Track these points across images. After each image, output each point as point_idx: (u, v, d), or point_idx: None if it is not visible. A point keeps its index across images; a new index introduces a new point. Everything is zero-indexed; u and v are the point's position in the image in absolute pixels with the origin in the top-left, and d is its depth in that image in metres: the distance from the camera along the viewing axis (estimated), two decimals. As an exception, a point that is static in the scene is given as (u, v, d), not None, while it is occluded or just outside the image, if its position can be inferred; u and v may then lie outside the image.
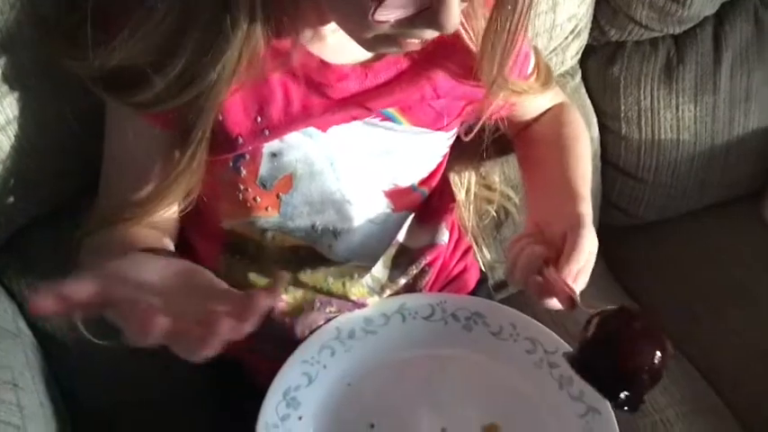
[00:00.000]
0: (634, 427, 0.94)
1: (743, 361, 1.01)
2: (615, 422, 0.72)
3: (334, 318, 0.79)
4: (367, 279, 0.79)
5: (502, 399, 0.76)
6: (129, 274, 0.54)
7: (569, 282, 0.66)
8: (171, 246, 0.71)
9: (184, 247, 0.78)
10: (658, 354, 0.64)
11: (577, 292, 0.67)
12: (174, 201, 0.69)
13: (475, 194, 0.94)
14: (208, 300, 0.54)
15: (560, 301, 0.66)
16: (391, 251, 0.81)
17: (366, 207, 0.76)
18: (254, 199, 0.72)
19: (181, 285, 0.55)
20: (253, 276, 0.77)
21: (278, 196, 0.72)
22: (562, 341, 0.78)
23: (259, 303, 0.52)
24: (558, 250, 0.68)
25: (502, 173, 0.98)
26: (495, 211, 0.98)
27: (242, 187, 0.71)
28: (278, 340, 0.79)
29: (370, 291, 0.79)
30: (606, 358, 0.64)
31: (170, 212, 0.71)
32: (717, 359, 1.02)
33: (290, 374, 0.76)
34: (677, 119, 1.07)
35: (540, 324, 0.79)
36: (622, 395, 0.64)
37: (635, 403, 0.64)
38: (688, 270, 1.13)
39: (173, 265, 0.58)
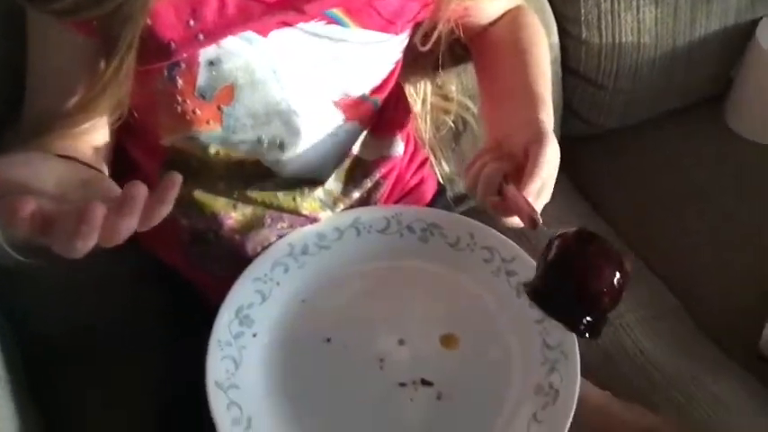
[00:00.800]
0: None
1: (701, 263, 1.02)
2: (572, 327, 0.71)
3: (286, 234, 0.77)
4: (319, 193, 0.76)
5: (459, 309, 0.75)
6: (18, 172, 0.49)
7: (531, 198, 0.64)
8: (99, 164, 0.65)
9: (126, 163, 0.75)
10: (618, 275, 0.63)
11: (539, 208, 0.65)
12: (102, 114, 0.64)
13: (431, 105, 0.91)
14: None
15: (522, 220, 0.64)
16: (345, 164, 0.78)
17: (314, 118, 0.73)
18: (194, 111, 0.68)
19: (77, 193, 0.50)
20: (198, 194, 0.74)
21: (219, 108, 0.69)
22: (519, 249, 0.77)
23: (137, 193, 0.47)
24: (520, 164, 0.66)
25: (459, 82, 0.95)
26: (453, 122, 0.95)
27: (180, 99, 0.67)
28: (229, 259, 0.77)
29: (322, 205, 0.77)
30: (566, 281, 0.64)
31: (101, 125, 0.67)
32: (676, 262, 1.03)
33: (242, 292, 0.74)
34: (638, 21, 1.04)
35: (497, 233, 0.77)
36: (584, 320, 0.63)
37: (597, 329, 0.64)
38: (649, 177, 1.13)
39: (78, 173, 0.53)
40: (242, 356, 0.71)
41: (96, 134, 0.66)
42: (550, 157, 0.66)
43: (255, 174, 0.74)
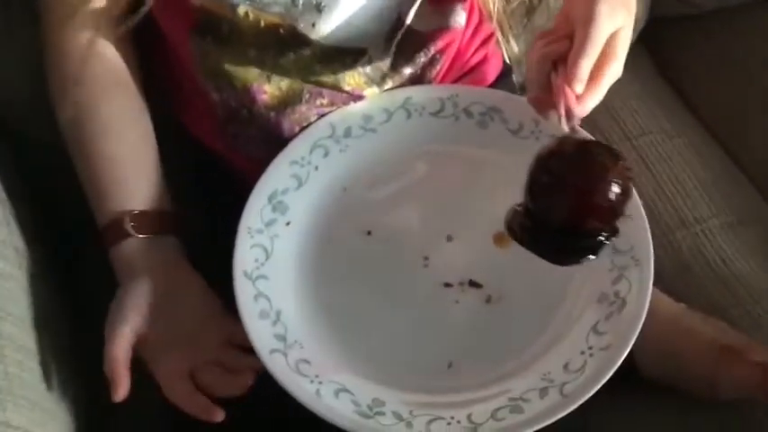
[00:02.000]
0: (671, 239, 0.84)
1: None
2: (648, 229, 0.62)
3: (327, 113, 0.69)
4: (364, 66, 0.67)
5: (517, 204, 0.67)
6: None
7: (577, 86, 0.56)
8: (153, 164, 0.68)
9: (154, 37, 0.69)
10: (616, 192, 0.54)
11: (589, 102, 0.57)
12: None
13: (502, -29, 0.80)
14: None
15: (558, 114, 0.56)
16: (396, 35, 0.69)
17: None
18: None
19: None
20: (228, 64, 0.66)
21: None
22: (592, 138, 0.67)
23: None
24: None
25: (536, -56, 0.83)
26: (528, -8, 0.84)
27: None
28: (263, 138, 0.70)
29: (367, 80, 0.69)
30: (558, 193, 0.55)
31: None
32: (769, 164, 0.91)
33: (276, 176, 0.67)
34: None
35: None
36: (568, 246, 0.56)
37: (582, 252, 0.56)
38: (745, 67, 0.99)
39: (205, 308, 0.65)
40: (273, 246, 0.65)
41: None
42: (602, 33, 0.57)
43: (290, 41, 0.66)
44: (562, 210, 0.55)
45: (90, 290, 0.80)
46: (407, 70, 0.70)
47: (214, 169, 0.77)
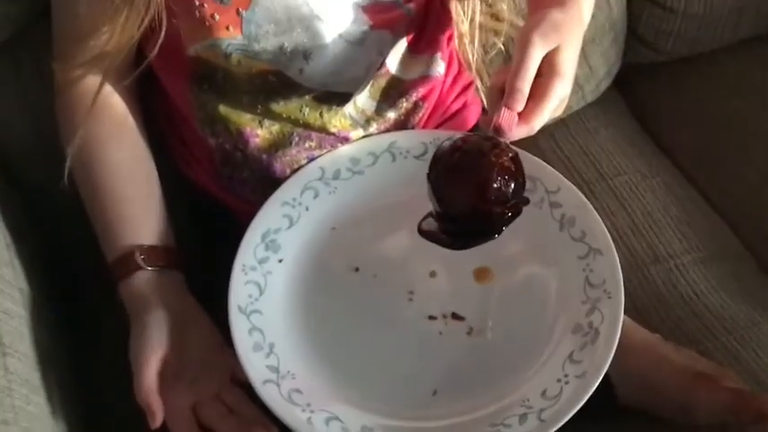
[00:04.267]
0: (646, 274, 0.88)
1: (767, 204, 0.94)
2: (618, 263, 0.66)
3: (317, 157, 0.73)
4: (349, 109, 0.72)
5: (496, 241, 0.70)
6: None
7: (515, 104, 0.59)
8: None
9: (155, 90, 0.74)
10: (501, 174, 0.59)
11: (534, 121, 0.60)
12: (135, 21, 0.63)
13: (480, 25, 0.84)
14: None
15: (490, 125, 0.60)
16: (381, 82, 0.73)
17: (338, 23, 0.68)
18: (213, 16, 0.65)
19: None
20: (223, 109, 0.71)
21: (238, 12, 0.65)
22: (565, 180, 0.71)
23: None
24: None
25: (511, 0, 0.88)
26: (504, 44, 0.88)
27: (197, 3, 0.64)
28: (257, 180, 0.74)
29: (353, 123, 0.73)
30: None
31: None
32: (742, 203, 0.95)
33: (269, 216, 0.71)
34: (712, -65, 0.95)
35: (542, 162, 0.72)
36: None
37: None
38: (716, 111, 1.04)
39: (208, 344, 0.68)
40: (267, 282, 0.68)
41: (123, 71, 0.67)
42: (528, 59, 0.59)
43: (279, 86, 0.70)
44: (456, 200, 0.60)
45: (88, 329, 0.84)
46: (391, 115, 0.74)
47: (210, 211, 0.81)
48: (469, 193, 0.60)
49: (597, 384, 0.61)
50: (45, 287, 0.77)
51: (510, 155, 0.60)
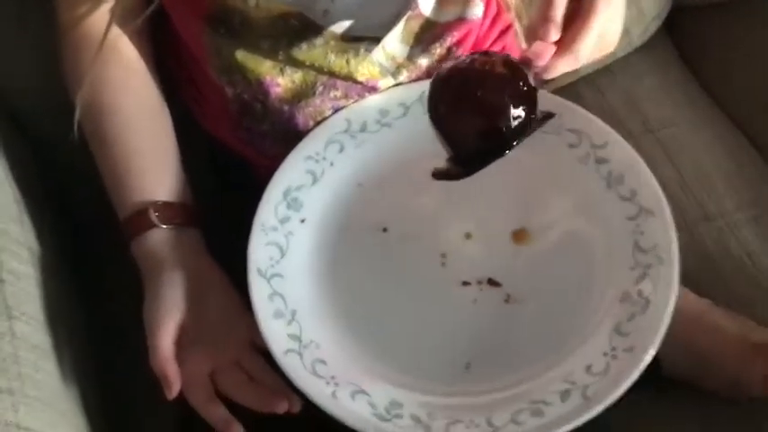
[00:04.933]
0: (694, 233, 0.82)
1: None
2: (672, 226, 0.60)
3: (342, 108, 0.68)
4: (378, 55, 0.66)
5: (536, 200, 0.65)
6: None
7: (546, 33, 0.53)
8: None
9: (167, 34, 0.69)
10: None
11: (560, 65, 0.54)
12: None
13: (521, -40, 0.78)
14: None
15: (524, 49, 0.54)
16: (412, 25, 0.67)
17: None
18: None
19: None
20: (241, 56, 0.65)
21: None
22: (613, 132, 0.65)
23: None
24: None
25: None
26: (546, -18, 0.81)
27: None
28: (278, 133, 0.69)
29: (382, 70, 0.67)
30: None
31: None
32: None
33: (291, 171, 0.66)
34: None
35: (589, 114, 0.66)
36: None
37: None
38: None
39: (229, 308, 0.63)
40: (288, 243, 0.64)
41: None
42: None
43: (302, 31, 0.64)
44: (457, 129, 0.56)
45: (104, 290, 0.80)
46: (423, 61, 0.68)
47: (229, 165, 0.76)
48: (466, 114, 0.56)
49: (649, 360, 0.55)
50: (55, 245, 0.73)
51: (502, 60, 0.55)
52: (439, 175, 0.59)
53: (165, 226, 0.64)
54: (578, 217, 0.64)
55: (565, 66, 0.55)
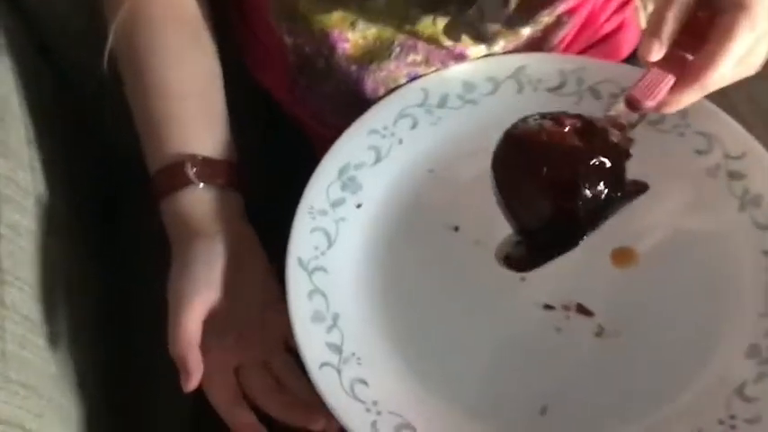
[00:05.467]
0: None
1: None
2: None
3: (420, 77, 0.57)
4: (472, 17, 0.54)
5: (647, 216, 0.53)
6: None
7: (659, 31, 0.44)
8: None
9: None
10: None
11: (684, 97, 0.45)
12: None
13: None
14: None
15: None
16: None
17: None
18: None
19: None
20: (306, 5, 0.54)
21: None
22: (755, 142, 0.53)
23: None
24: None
25: None
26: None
27: None
28: (340, 98, 0.59)
29: (474, 36, 0.56)
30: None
31: None
32: None
33: (351, 146, 0.56)
34: None
35: (726, 116, 0.54)
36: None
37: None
38: None
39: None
40: (338, 232, 0.53)
41: None
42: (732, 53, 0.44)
43: None
44: (520, 203, 0.47)
45: (121, 253, 0.70)
46: (526, 31, 0.57)
47: (279, 130, 0.66)
48: (529, 193, 0.47)
49: (778, 438, 0.44)
50: (69, 197, 0.63)
51: (575, 127, 0.47)
52: (502, 260, 0.48)
53: (203, 185, 0.54)
54: (699, 242, 0.52)
55: (689, 98, 0.46)
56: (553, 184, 0.46)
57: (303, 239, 0.52)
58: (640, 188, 0.49)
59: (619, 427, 0.47)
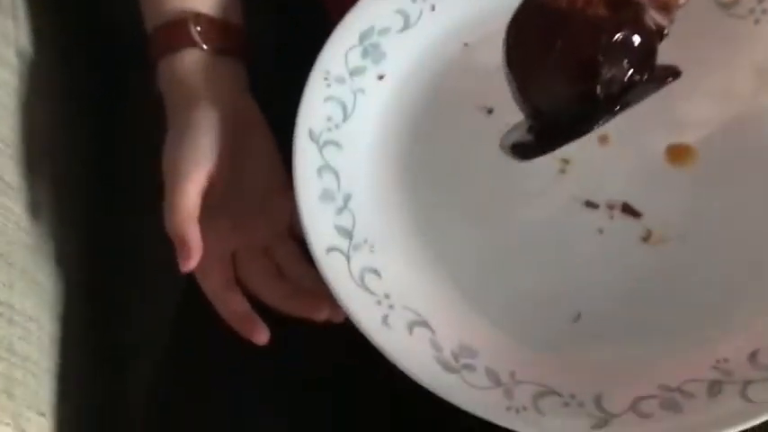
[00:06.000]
0: None
1: None
2: None
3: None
4: None
5: (711, 107, 0.47)
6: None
7: None
8: None
9: None
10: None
11: None
12: None
13: None
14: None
15: None
16: None
17: None
18: None
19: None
20: None
21: None
22: None
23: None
24: None
25: None
26: None
27: None
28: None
29: None
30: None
31: None
32: None
33: (375, 8, 0.49)
34: None
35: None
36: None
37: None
38: None
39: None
40: (356, 103, 0.47)
41: None
42: None
43: None
44: (536, 83, 0.40)
45: (117, 118, 0.64)
46: None
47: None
48: (542, 71, 0.40)
49: None
50: (56, 50, 0.56)
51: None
52: (506, 148, 0.42)
53: (206, 46, 0.48)
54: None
55: None
56: (568, 57, 0.39)
57: (315, 109, 0.46)
58: (671, 73, 0.41)
59: (661, 341, 0.41)
